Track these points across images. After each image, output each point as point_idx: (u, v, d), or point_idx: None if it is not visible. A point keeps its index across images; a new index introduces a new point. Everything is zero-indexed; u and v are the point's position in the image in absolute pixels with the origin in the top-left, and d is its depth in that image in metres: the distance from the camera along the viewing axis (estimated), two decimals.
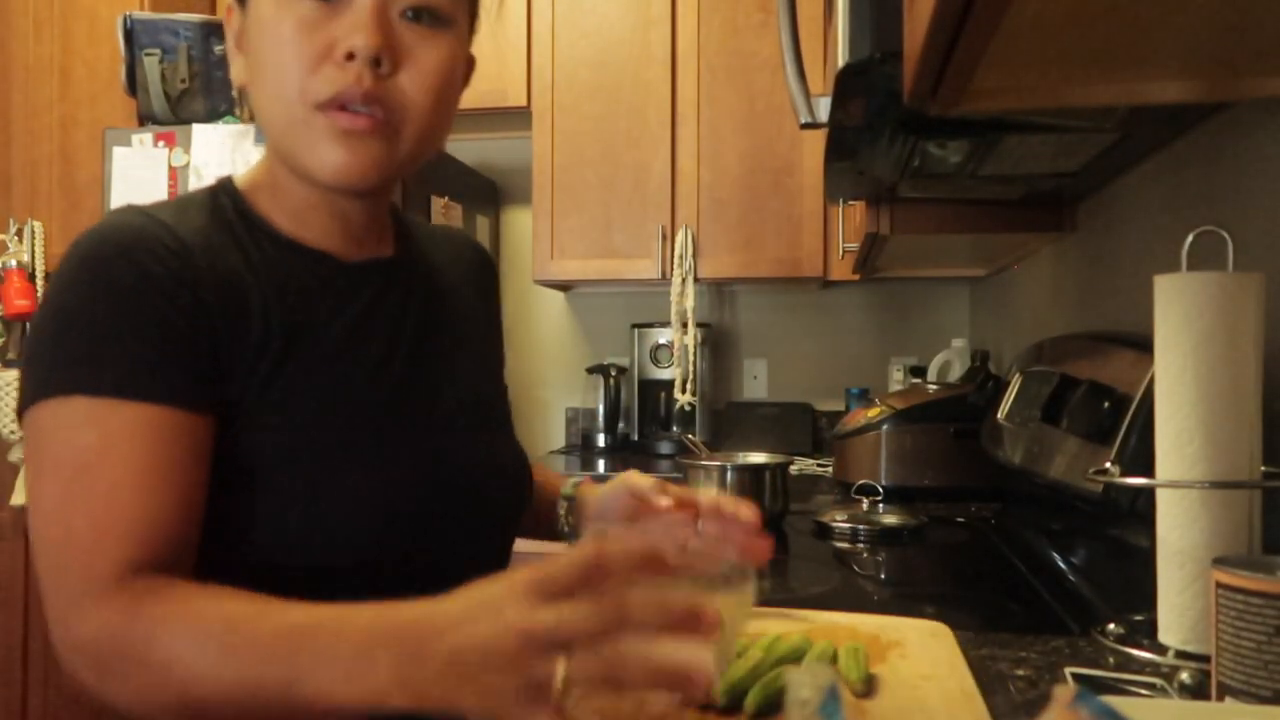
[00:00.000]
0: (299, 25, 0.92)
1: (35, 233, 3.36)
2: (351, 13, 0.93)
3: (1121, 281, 1.80)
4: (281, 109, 0.95)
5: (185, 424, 0.89)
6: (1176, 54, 0.94)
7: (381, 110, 0.94)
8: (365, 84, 0.92)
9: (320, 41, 0.92)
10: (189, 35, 3.11)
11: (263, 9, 0.95)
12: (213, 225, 0.99)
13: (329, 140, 0.94)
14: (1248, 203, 1.28)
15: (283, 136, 0.97)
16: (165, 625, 0.79)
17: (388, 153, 0.96)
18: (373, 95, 0.93)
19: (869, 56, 1.04)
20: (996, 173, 1.68)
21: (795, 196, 3.32)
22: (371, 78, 0.92)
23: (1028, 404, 1.72)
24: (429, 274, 1.17)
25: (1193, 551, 1.01)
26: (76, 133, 3.42)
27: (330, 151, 0.94)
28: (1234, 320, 0.99)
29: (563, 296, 3.98)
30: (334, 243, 1.06)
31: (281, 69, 0.93)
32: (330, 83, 0.92)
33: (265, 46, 0.94)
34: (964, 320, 3.76)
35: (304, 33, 0.92)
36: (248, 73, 0.99)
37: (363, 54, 0.91)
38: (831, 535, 1.94)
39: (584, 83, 3.43)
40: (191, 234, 0.95)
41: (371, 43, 0.91)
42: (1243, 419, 1.00)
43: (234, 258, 0.97)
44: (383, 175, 0.98)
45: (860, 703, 0.90)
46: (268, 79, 0.95)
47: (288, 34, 0.92)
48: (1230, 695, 0.79)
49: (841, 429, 2.61)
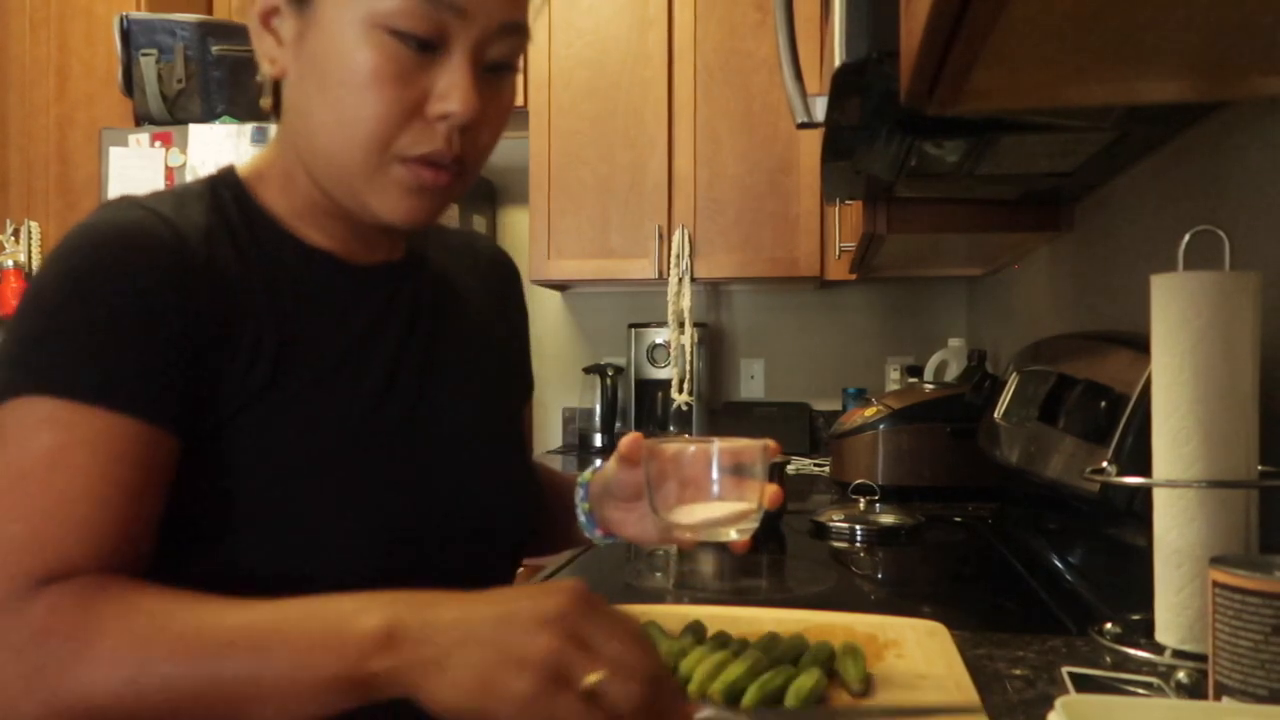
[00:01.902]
0: (389, 71, 0.87)
1: (32, 233, 3.36)
2: (448, 70, 0.88)
3: (1118, 281, 1.81)
4: (356, 153, 0.90)
5: (150, 439, 0.84)
6: (1173, 53, 0.94)
7: (461, 167, 0.93)
8: (455, 149, 0.90)
9: (413, 94, 0.88)
10: (186, 35, 3.11)
11: (340, 33, 0.88)
12: (212, 220, 0.94)
13: (404, 191, 0.91)
14: (1244, 202, 1.28)
15: (344, 174, 0.92)
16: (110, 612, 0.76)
17: (453, 197, 0.96)
18: (459, 159, 0.91)
19: (866, 56, 1.04)
20: (993, 172, 1.68)
21: (792, 196, 3.32)
22: (460, 141, 0.90)
23: (1025, 403, 1.72)
24: (440, 279, 1.12)
25: (1190, 551, 1.01)
26: (73, 133, 3.42)
27: (403, 200, 0.92)
28: (1231, 319, 0.99)
29: (560, 296, 3.98)
30: (342, 244, 1.02)
31: (361, 112, 0.88)
32: (419, 143, 0.89)
33: (341, 80, 0.88)
34: (961, 320, 3.76)
35: (394, 81, 0.87)
36: (297, 80, 0.93)
37: (459, 120, 0.88)
38: (829, 535, 1.94)
39: (581, 83, 3.43)
40: (191, 229, 0.91)
41: (470, 110, 0.88)
42: (1240, 418, 1.00)
43: (232, 256, 0.93)
44: (441, 215, 0.97)
45: (858, 702, 0.90)
46: (338, 115, 0.89)
47: (373, 76, 0.87)
48: (1227, 695, 0.79)
49: (839, 429, 2.61)
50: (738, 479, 0.97)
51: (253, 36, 0.95)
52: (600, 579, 1.57)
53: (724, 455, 0.96)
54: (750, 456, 0.97)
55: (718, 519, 0.97)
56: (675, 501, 0.97)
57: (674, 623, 1.10)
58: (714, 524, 0.97)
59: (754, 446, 0.98)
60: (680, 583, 1.52)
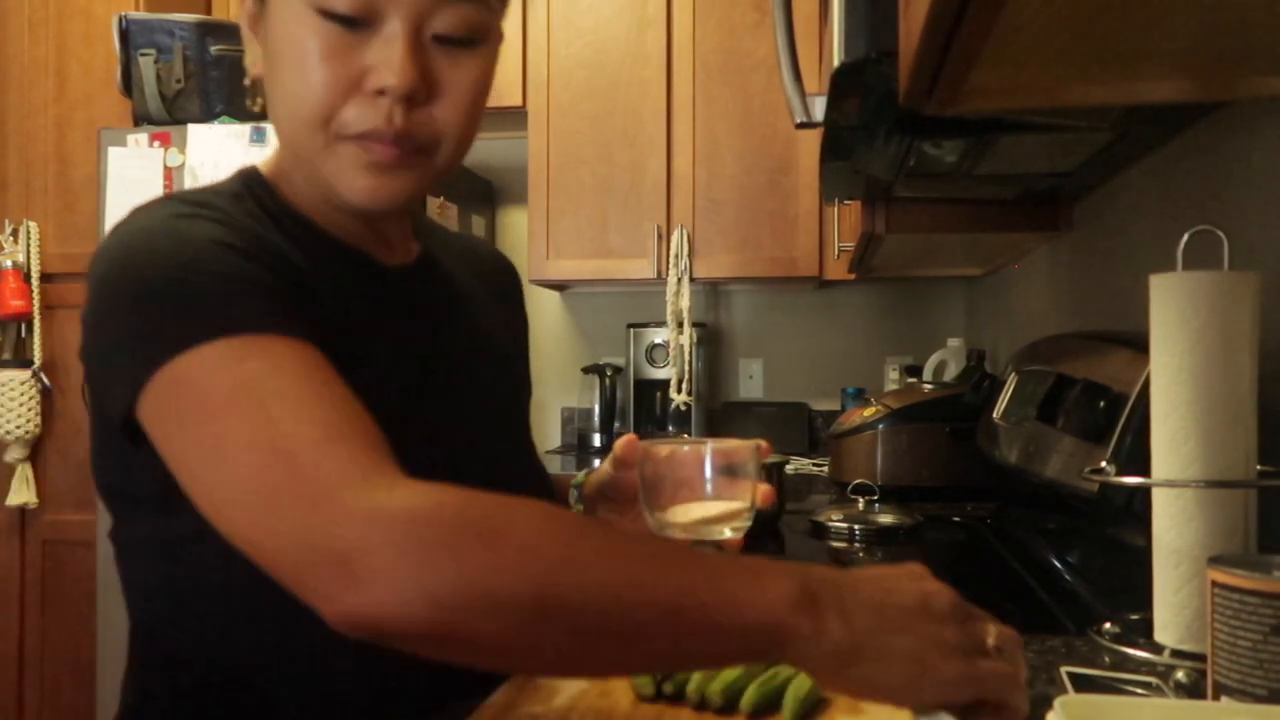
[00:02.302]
0: (325, 50, 0.87)
1: (30, 233, 3.35)
2: (382, 42, 0.87)
3: (1117, 280, 1.81)
4: (304, 133, 0.90)
5: (323, 359, 0.82)
6: (1172, 53, 0.94)
7: (412, 143, 0.91)
8: (397, 123, 0.88)
9: (349, 70, 0.88)
10: (184, 35, 3.11)
11: (283, 19, 0.89)
12: (255, 215, 0.94)
13: (357, 169, 0.90)
14: (1243, 202, 1.28)
15: (305, 158, 0.93)
16: (523, 511, 0.71)
17: (418, 179, 0.94)
18: (404, 134, 0.89)
19: (864, 56, 1.04)
20: (992, 172, 1.68)
21: (791, 196, 3.32)
22: (403, 115, 0.88)
23: (1023, 403, 1.72)
24: (449, 282, 1.13)
25: (1188, 551, 1.01)
26: (72, 133, 3.42)
27: (357, 178, 0.91)
28: (1229, 319, 0.99)
29: (558, 296, 3.98)
30: (367, 244, 1.02)
31: (305, 93, 0.88)
32: (360, 119, 0.88)
33: (285, 62, 0.89)
34: (960, 320, 3.76)
35: (331, 59, 0.87)
36: (265, 75, 0.94)
37: (395, 93, 0.87)
38: (827, 535, 1.94)
39: (580, 83, 3.43)
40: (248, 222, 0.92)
41: (406, 82, 0.87)
42: (1238, 418, 1.00)
43: (285, 247, 0.93)
44: (412, 198, 0.95)
45: (856, 703, 0.90)
46: (288, 99, 0.90)
47: (312, 57, 0.87)
48: (1226, 694, 0.79)
49: (837, 429, 2.61)
50: (730, 479, 0.98)
51: (245, 44, 0.97)
52: None
53: (716, 456, 0.98)
54: (742, 457, 0.99)
55: (711, 518, 0.98)
56: (669, 502, 0.98)
57: None
58: (707, 523, 0.98)
59: (746, 447, 0.99)
60: None
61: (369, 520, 0.68)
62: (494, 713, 0.87)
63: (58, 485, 3.36)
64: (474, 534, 0.68)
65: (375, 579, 0.67)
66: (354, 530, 0.68)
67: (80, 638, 3.30)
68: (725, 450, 0.99)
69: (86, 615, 3.26)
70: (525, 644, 0.69)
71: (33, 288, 3.34)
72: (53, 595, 3.36)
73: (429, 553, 0.67)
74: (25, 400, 3.31)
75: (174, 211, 0.88)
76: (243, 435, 0.75)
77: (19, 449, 3.32)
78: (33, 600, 3.37)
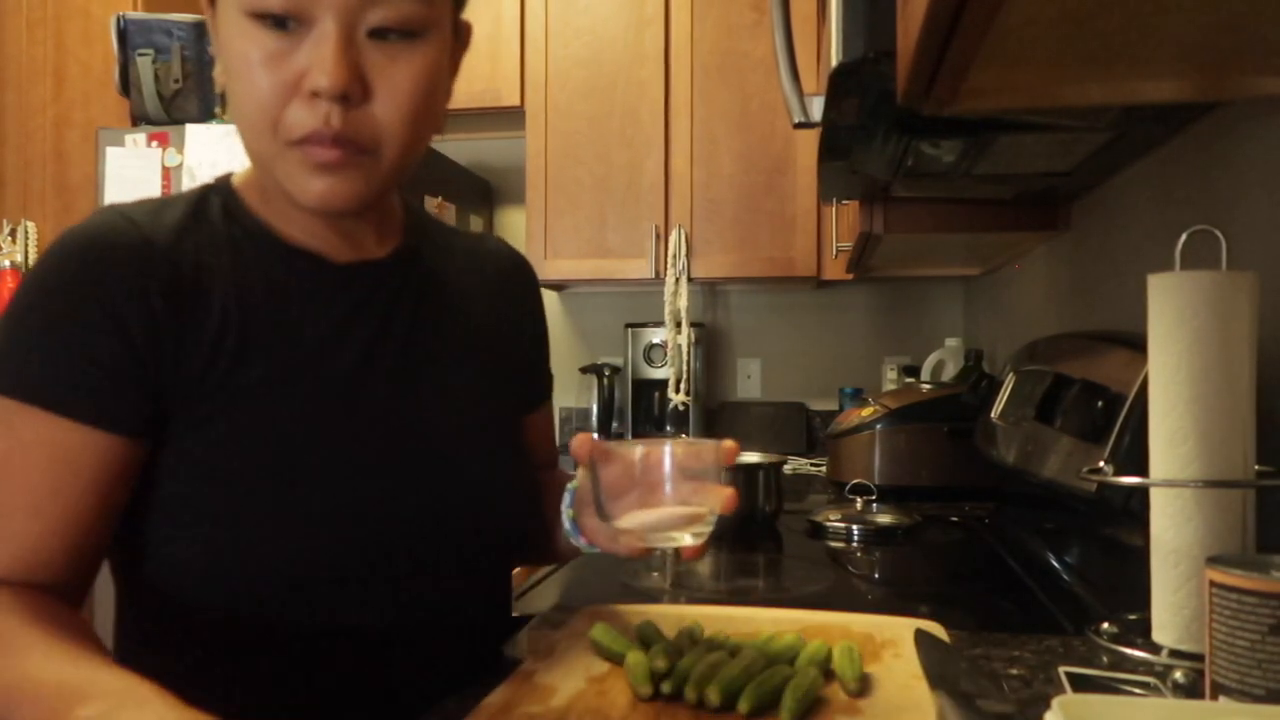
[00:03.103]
0: (262, 55, 0.87)
1: (29, 233, 3.36)
2: (314, 43, 0.86)
3: (1115, 280, 1.81)
4: (257, 140, 0.91)
5: (98, 444, 0.88)
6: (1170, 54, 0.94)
7: (355, 144, 0.90)
8: (334, 124, 0.87)
9: (285, 74, 0.87)
10: (182, 35, 3.11)
11: (227, 27, 0.90)
12: (190, 223, 0.97)
13: (305, 173, 0.90)
14: (1241, 201, 1.28)
15: (260, 162, 0.94)
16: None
17: (366, 179, 0.92)
18: (343, 135, 0.88)
19: (862, 56, 1.04)
20: (990, 172, 1.68)
21: (789, 196, 3.33)
22: (340, 116, 0.87)
23: (1021, 403, 1.72)
24: (430, 278, 1.11)
25: (1187, 550, 1.02)
26: (70, 133, 3.42)
27: (309, 182, 0.90)
28: (1227, 319, 0.99)
29: (556, 296, 3.98)
30: (325, 243, 1.02)
31: (250, 100, 0.89)
32: (299, 124, 0.88)
33: (233, 71, 0.90)
34: (958, 319, 3.76)
35: (268, 65, 0.87)
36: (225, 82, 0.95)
37: (328, 94, 0.86)
38: (825, 535, 1.94)
39: (577, 82, 3.43)
40: (162, 232, 0.94)
41: (337, 82, 0.85)
42: (1236, 418, 1.00)
43: (205, 256, 0.95)
44: (366, 198, 0.94)
45: (854, 702, 0.90)
46: (240, 106, 0.91)
47: (252, 62, 0.87)
48: (1224, 694, 0.79)
49: (835, 428, 2.62)
50: (692, 481, 0.92)
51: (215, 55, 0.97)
52: (597, 579, 1.57)
53: (676, 458, 0.92)
54: (705, 459, 0.93)
55: (667, 523, 0.93)
56: (626, 507, 0.94)
57: (671, 623, 1.10)
58: (662, 528, 0.93)
59: (707, 448, 0.94)
60: (677, 583, 1.52)
61: None
62: (492, 712, 0.87)
63: None
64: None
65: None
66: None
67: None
68: (687, 452, 0.93)
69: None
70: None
71: None
72: None
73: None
74: None
75: (70, 243, 0.92)
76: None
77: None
78: None
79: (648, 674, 0.91)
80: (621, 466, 0.94)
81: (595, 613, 1.19)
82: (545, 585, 1.50)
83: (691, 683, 0.89)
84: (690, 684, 0.89)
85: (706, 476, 0.93)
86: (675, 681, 0.90)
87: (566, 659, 1.02)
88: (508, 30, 3.44)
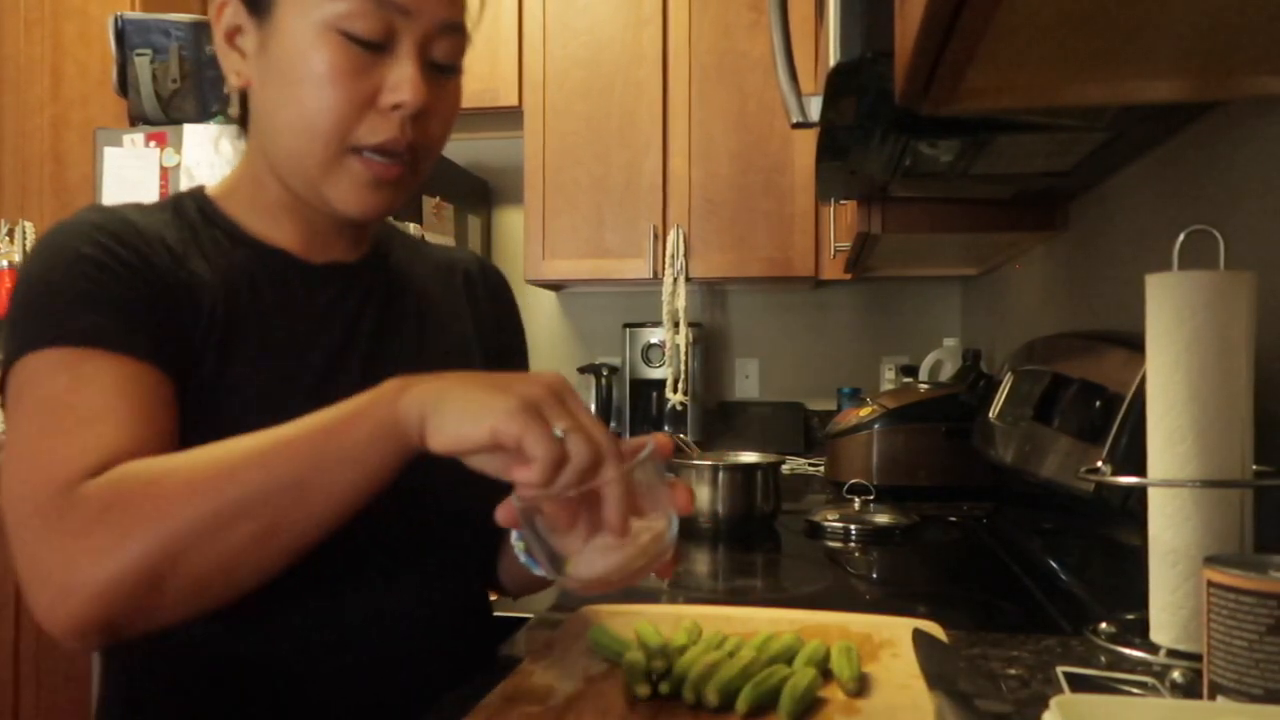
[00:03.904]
0: (344, 68, 0.94)
1: (26, 233, 3.36)
2: (397, 65, 0.96)
3: (1113, 280, 1.81)
4: (311, 145, 0.96)
5: (152, 376, 0.91)
6: (1167, 54, 0.94)
7: (411, 156, 0.99)
8: (408, 136, 0.97)
9: (366, 88, 0.95)
10: (180, 35, 3.11)
11: (297, 37, 0.95)
12: (173, 223, 1.01)
13: (360, 183, 0.98)
14: (1239, 201, 1.28)
15: (305, 168, 0.99)
16: (169, 466, 0.82)
17: (403, 192, 1.02)
18: (411, 146, 0.98)
19: (860, 56, 1.04)
20: (988, 172, 1.68)
21: (787, 196, 3.33)
22: (411, 129, 0.97)
23: (1019, 403, 1.72)
24: (398, 283, 1.15)
25: (1185, 550, 1.02)
26: (68, 133, 3.42)
27: (358, 192, 0.98)
28: (1225, 319, 0.99)
29: (554, 296, 3.98)
30: (301, 243, 1.08)
31: (320, 107, 0.95)
32: (375, 132, 0.96)
33: (300, 78, 0.95)
34: (955, 319, 3.76)
35: (349, 77, 0.94)
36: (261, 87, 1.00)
37: (410, 110, 0.96)
38: (823, 535, 1.94)
39: (575, 82, 3.43)
40: (153, 226, 0.99)
41: (420, 99, 0.95)
42: (1234, 418, 1.00)
43: (190, 252, 1.00)
44: (395, 208, 1.03)
45: (852, 702, 0.90)
46: (299, 111, 0.96)
47: (330, 73, 0.94)
48: (1222, 694, 0.79)
49: (833, 428, 2.62)
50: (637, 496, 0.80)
51: (219, 55, 1.03)
52: None
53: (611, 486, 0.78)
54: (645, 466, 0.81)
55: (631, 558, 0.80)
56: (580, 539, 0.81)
57: (669, 623, 1.10)
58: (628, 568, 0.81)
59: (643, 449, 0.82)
60: (675, 583, 1.52)
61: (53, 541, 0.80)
62: (490, 712, 0.87)
63: None
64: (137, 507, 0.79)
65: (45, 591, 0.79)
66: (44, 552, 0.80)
67: None
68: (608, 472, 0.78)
69: None
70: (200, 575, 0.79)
71: None
72: None
73: (72, 554, 0.78)
74: None
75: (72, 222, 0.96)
76: (28, 446, 0.85)
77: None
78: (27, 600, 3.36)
79: (646, 674, 0.91)
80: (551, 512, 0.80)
81: (593, 613, 1.19)
82: None
83: (689, 683, 0.89)
84: (688, 684, 0.89)
85: (651, 479, 0.81)
86: (673, 682, 0.90)
87: (564, 659, 1.02)
88: (506, 30, 3.44)
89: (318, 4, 0.94)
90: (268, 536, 0.80)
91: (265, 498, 0.79)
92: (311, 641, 0.97)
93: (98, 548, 0.77)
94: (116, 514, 0.78)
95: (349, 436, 0.80)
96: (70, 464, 0.82)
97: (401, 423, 0.79)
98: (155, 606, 0.79)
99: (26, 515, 0.82)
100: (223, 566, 0.80)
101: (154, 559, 0.77)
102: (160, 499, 0.79)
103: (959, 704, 0.82)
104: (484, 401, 0.76)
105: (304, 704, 0.97)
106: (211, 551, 0.78)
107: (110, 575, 0.77)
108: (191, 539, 0.78)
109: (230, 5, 1.01)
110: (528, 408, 0.76)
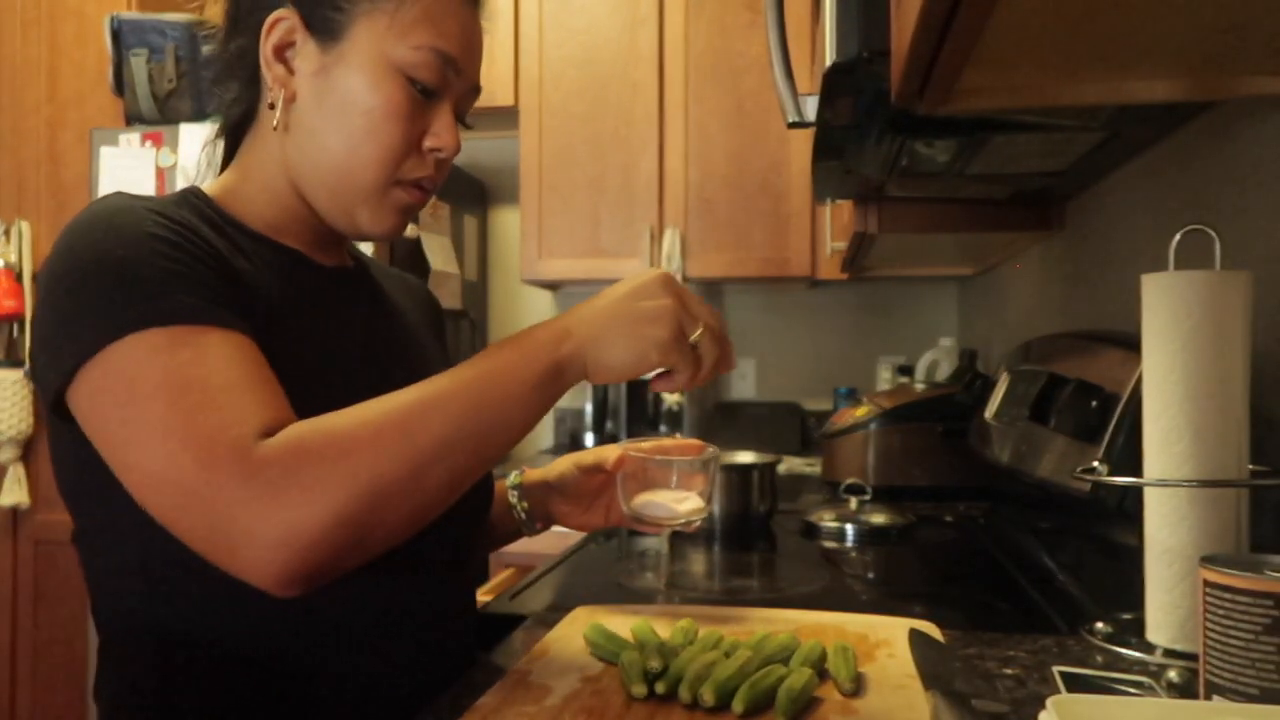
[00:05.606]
0: (404, 109, 1.03)
1: (23, 233, 3.35)
2: (443, 113, 1.06)
3: (1109, 280, 1.81)
4: (364, 172, 1.04)
5: (256, 349, 0.92)
6: (1163, 53, 0.94)
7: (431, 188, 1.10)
8: (441, 175, 1.10)
9: (416, 129, 1.05)
10: (176, 35, 3.10)
11: (367, 71, 1.02)
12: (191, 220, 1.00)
13: (395, 210, 1.07)
14: (1235, 201, 1.28)
15: (345, 189, 1.05)
16: (341, 422, 0.85)
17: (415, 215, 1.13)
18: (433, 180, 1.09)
19: (856, 56, 1.04)
20: (984, 172, 1.68)
21: (783, 196, 3.33)
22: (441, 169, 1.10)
23: (1016, 403, 1.72)
24: (379, 288, 1.23)
25: (1181, 550, 1.02)
26: (64, 133, 3.41)
27: (391, 217, 1.08)
28: (1221, 319, 0.99)
29: (550, 296, 3.98)
30: (307, 249, 1.11)
31: (374, 141, 1.03)
32: (418, 169, 1.06)
33: (364, 109, 1.02)
34: (952, 319, 3.77)
35: (406, 118, 1.03)
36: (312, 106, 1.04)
37: (449, 153, 1.07)
38: (819, 535, 1.94)
39: (571, 82, 3.43)
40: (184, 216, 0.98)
41: (458, 148, 1.08)
42: (1230, 417, 1.00)
43: (220, 243, 1.00)
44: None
45: (849, 702, 0.90)
46: (355, 139, 1.03)
47: (393, 111, 1.02)
48: (1218, 694, 0.79)
49: (829, 428, 2.61)
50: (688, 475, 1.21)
51: (264, 65, 1.05)
52: (591, 578, 1.57)
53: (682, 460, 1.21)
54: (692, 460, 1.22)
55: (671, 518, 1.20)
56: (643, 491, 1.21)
57: (665, 623, 1.10)
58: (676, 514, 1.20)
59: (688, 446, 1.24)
60: (671, 582, 1.52)
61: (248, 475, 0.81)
62: (486, 712, 0.87)
63: (50, 485, 3.34)
64: (318, 456, 0.82)
65: (253, 547, 0.81)
66: (240, 511, 0.81)
67: (73, 638, 3.30)
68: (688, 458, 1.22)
69: (79, 615, 3.25)
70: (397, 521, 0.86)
71: (25, 288, 3.33)
72: (45, 596, 3.35)
73: (287, 490, 0.81)
74: (17, 400, 3.30)
75: (117, 207, 0.94)
76: (163, 423, 0.83)
77: (11, 449, 3.31)
78: (25, 601, 3.37)
79: (642, 674, 0.91)
80: (642, 467, 1.22)
81: (590, 612, 1.19)
82: (540, 585, 1.50)
83: (686, 683, 0.89)
84: (685, 684, 0.89)
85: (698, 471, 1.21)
86: (670, 681, 0.90)
87: (561, 659, 1.02)
88: (502, 30, 3.44)
89: (394, 46, 1.01)
90: (458, 479, 0.89)
91: (454, 443, 0.87)
92: (314, 641, 0.97)
93: (305, 501, 0.81)
94: (313, 469, 0.82)
95: (517, 381, 0.91)
96: (237, 427, 0.83)
97: (564, 367, 0.93)
98: (358, 552, 0.85)
99: (201, 484, 0.81)
100: (416, 510, 0.86)
101: (361, 507, 0.82)
102: (353, 453, 0.83)
103: (955, 704, 0.82)
104: (640, 336, 0.93)
105: (305, 704, 0.97)
106: (410, 497, 0.85)
107: (324, 525, 0.81)
108: (395, 486, 0.84)
109: (286, 21, 1.03)
110: (677, 336, 0.94)
